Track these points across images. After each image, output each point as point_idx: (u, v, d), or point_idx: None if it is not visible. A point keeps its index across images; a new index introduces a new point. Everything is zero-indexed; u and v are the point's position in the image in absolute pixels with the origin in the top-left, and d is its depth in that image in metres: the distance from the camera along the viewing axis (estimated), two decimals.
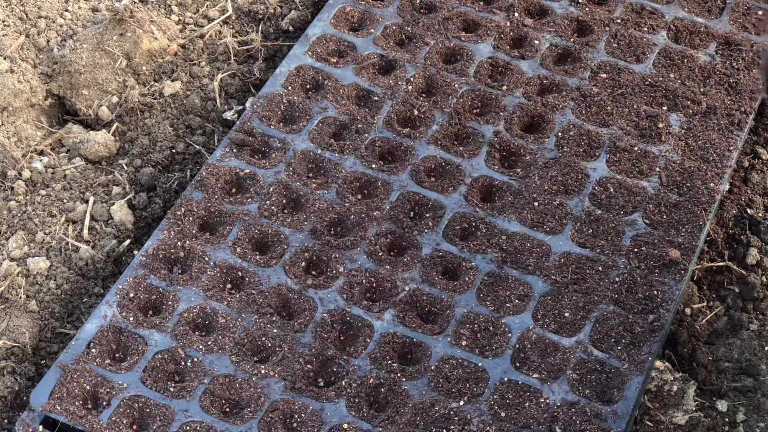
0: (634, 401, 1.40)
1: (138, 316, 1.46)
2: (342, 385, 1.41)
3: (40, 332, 1.54)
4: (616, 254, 1.55)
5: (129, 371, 1.41)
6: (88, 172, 1.72)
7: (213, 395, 1.40)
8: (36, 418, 1.37)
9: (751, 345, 1.55)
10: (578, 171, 1.64)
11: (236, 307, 1.48)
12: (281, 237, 1.55)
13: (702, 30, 1.85)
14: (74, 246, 1.63)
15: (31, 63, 1.85)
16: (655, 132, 1.70)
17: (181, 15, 1.95)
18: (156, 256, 1.52)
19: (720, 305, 1.62)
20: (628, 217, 1.60)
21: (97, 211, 1.67)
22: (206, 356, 1.43)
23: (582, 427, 1.37)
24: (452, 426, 1.37)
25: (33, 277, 1.59)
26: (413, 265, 1.52)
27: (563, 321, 1.48)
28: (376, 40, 1.80)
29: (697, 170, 1.66)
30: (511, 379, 1.42)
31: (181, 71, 1.86)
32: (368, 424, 1.37)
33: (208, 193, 1.59)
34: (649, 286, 1.52)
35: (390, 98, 1.72)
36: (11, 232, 1.64)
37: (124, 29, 1.83)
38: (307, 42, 1.79)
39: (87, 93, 1.81)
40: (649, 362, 1.44)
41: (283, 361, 1.42)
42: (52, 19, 1.91)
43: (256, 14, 1.96)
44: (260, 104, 1.71)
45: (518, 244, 1.55)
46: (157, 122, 1.78)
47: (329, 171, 1.63)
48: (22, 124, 1.78)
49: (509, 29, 1.83)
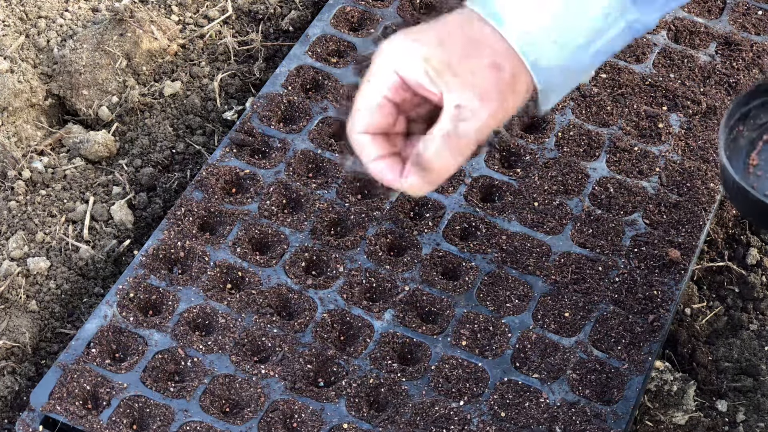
0: (634, 401, 1.41)
1: (138, 316, 1.46)
2: (342, 385, 1.41)
3: (40, 332, 1.54)
4: (616, 254, 1.55)
5: (129, 371, 1.41)
6: (88, 172, 1.72)
7: (213, 395, 1.40)
8: (36, 418, 1.37)
9: (751, 345, 1.55)
10: (578, 171, 1.65)
11: (236, 307, 1.48)
12: (281, 237, 1.55)
13: (702, 30, 1.85)
14: (74, 246, 1.63)
15: (31, 63, 1.85)
16: (655, 132, 1.70)
17: (181, 15, 1.95)
18: (156, 256, 1.53)
19: (720, 305, 1.62)
20: (628, 217, 1.60)
21: (97, 211, 1.67)
22: (206, 356, 1.43)
23: (582, 427, 1.38)
24: (452, 426, 1.37)
25: (33, 277, 1.59)
26: (413, 265, 1.52)
27: (563, 321, 1.48)
28: (376, 40, 1.80)
29: (697, 170, 1.66)
30: (511, 379, 1.42)
31: (181, 71, 1.86)
32: (368, 424, 1.37)
33: (208, 193, 1.59)
34: (649, 286, 1.52)
35: None
36: (11, 232, 1.64)
37: (124, 29, 1.83)
38: (307, 42, 1.79)
39: (87, 93, 1.81)
40: (649, 362, 1.44)
41: (283, 361, 1.42)
42: (52, 19, 1.91)
43: (256, 14, 1.96)
44: (260, 104, 1.71)
45: (518, 244, 1.55)
46: (157, 122, 1.78)
47: (329, 171, 1.63)
48: (22, 124, 1.78)
49: None
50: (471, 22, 1.30)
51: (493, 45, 1.29)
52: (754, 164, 1.33)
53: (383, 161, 1.30)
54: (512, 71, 1.29)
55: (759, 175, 1.32)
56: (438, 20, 1.32)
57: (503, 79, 1.29)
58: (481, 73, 1.28)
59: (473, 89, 1.28)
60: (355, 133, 1.31)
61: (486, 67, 1.28)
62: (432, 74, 1.26)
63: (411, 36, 1.29)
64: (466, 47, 1.28)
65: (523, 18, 1.29)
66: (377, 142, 1.31)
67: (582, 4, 1.31)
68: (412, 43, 1.28)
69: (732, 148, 1.32)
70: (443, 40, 1.29)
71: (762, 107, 1.34)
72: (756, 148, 1.34)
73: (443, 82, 1.26)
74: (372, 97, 1.28)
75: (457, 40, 1.28)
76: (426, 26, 1.31)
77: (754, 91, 1.33)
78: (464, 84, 1.28)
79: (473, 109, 1.28)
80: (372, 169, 1.30)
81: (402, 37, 1.29)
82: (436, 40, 1.28)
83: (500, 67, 1.29)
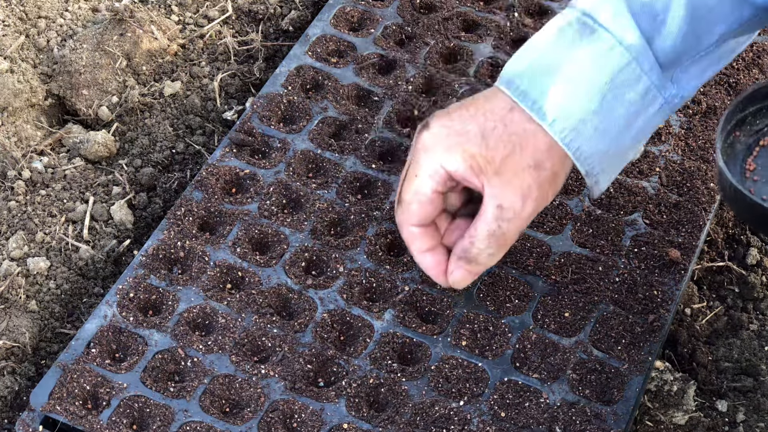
0: (634, 401, 1.41)
1: (138, 316, 1.46)
2: (342, 385, 1.41)
3: (40, 332, 1.54)
4: (616, 254, 1.55)
5: (129, 371, 1.41)
6: (88, 172, 1.72)
7: (213, 395, 1.40)
8: (36, 418, 1.37)
9: (751, 345, 1.55)
10: (578, 171, 1.64)
11: (236, 307, 1.48)
12: (281, 237, 1.55)
13: None
14: (74, 246, 1.63)
15: (31, 63, 1.85)
16: (655, 132, 1.70)
17: (181, 15, 1.95)
18: (156, 256, 1.52)
19: (720, 305, 1.62)
20: (628, 217, 1.60)
21: (97, 211, 1.67)
22: (206, 356, 1.43)
23: (582, 427, 1.38)
24: (452, 426, 1.37)
25: (33, 277, 1.59)
26: (413, 265, 1.52)
27: (563, 321, 1.48)
28: (376, 40, 1.80)
29: (697, 170, 1.66)
30: (511, 379, 1.42)
31: (181, 71, 1.86)
32: (368, 424, 1.37)
33: (208, 193, 1.59)
34: (649, 286, 1.52)
35: (390, 98, 1.72)
36: (11, 232, 1.64)
37: (124, 29, 1.83)
38: (307, 42, 1.79)
39: (87, 93, 1.81)
40: (649, 362, 1.44)
41: (283, 361, 1.42)
42: (52, 19, 1.91)
43: (256, 14, 1.96)
44: (260, 104, 1.71)
45: (518, 244, 1.55)
46: (157, 122, 1.78)
47: (329, 171, 1.63)
48: (22, 124, 1.78)
49: (509, 29, 1.83)
50: (512, 115, 1.33)
51: (536, 143, 1.33)
52: (751, 169, 1.34)
53: (431, 255, 1.38)
54: (553, 169, 1.34)
55: (756, 180, 1.33)
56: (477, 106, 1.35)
57: (545, 178, 1.34)
58: (524, 173, 1.33)
59: (515, 190, 1.33)
60: (408, 225, 1.37)
61: (528, 167, 1.32)
62: (476, 169, 1.30)
63: (453, 129, 1.33)
64: (509, 145, 1.33)
65: (565, 111, 1.32)
66: (427, 234, 1.38)
67: (621, 88, 1.33)
68: (457, 138, 1.32)
69: (729, 154, 1.33)
70: (486, 135, 1.33)
71: (758, 112, 1.35)
72: (753, 153, 1.35)
73: (486, 178, 1.32)
74: (423, 192, 1.36)
75: (499, 136, 1.32)
76: (467, 114, 1.35)
77: (751, 96, 1.34)
78: (507, 183, 1.33)
79: (516, 210, 1.33)
80: (420, 261, 1.41)
81: (444, 130, 1.33)
82: (480, 134, 1.33)
83: (542, 167, 1.33)
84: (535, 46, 1.35)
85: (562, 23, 1.35)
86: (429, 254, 1.40)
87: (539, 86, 1.31)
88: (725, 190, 1.26)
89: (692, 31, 1.32)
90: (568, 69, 1.31)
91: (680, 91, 1.38)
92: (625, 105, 1.33)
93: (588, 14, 1.33)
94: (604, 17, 1.32)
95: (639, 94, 1.33)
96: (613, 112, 1.32)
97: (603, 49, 1.32)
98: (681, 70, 1.36)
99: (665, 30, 1.32)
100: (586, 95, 1.31)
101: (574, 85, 1.31)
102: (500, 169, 1.31)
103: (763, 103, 1.35)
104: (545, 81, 1.31)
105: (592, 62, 1.31)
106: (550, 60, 1.32)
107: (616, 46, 1.31)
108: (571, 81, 1.31)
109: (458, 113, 1.35)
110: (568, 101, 1.31)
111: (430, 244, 1.40)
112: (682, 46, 1.33)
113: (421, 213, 1.37)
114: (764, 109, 1.35)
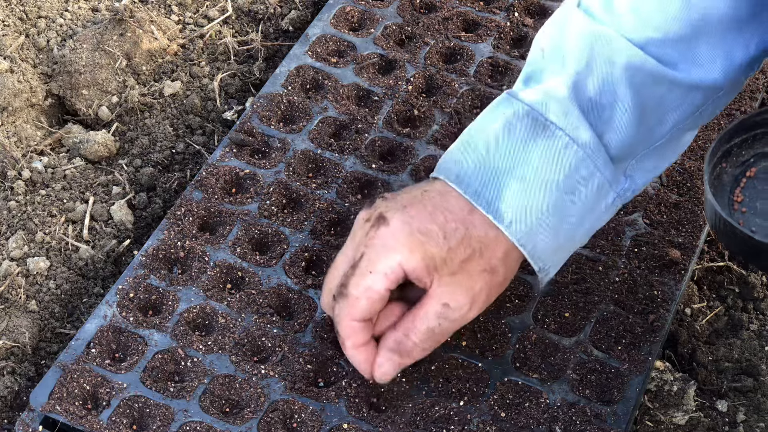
0: (634, 401, 1.40)
1: (138, 316, 1.46)
2: (342, 385, 1.41)
3: (40, 332, 1.54)
4: (616, 254, 1.55)
5: (129, 371, 1.41)
6: (88, 172, 1.72)
7: (213, 395, 1.40)
8: (36, 418, 1.37)
9: (751, 345, 1.55)
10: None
11: (236, 307, 1.48)
12: (281, 237, 1.55)
13: None
14: (74, 246, 1.63)
15: (31, 63, 1.85)
16: None
17: (181, 15, 1.95)
18: (156, 256, 1.52)
19: (720, 305, 1.62)
20: (628, 217, 1.60)
21: (97, 211, 1.67)
22: (206, 356, 1.43)
23: (582, 427, 1.37)
24: (452, 426, 1.37)
25: (33, 277, 1.59)
26: None
27: (563, 321, 1.48)
28: (376, 40, 1.80)
29: (697, 170, 1.66)
30: (511, 380, 1.42)
31: (181, 71, 1.86)
32: (368, 425, 1.37)
33: (208, 193, 1.59)
34: (649, 286, 1.52)
35: (390, 98, 1.72)
36: (11, 232, 1.64)
37: (124, 29, 1.83)
38: (307, 42, 1.79)
39: (87, 93, 1.81)
40: (649, 362, 1.44)
41: (283, 361, 1.42)
42: (52, 19, 1.91)
43: (256, 14, 1.96)
44: (260, 104, 1.71)
45: None
46: (157, 122, 1.78)
47: (329, 171, 1.63)
48: (22, 124, 1.78)
49: (509, 29, 1.83)
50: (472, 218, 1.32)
51: (494, 249, 1.32)
52: (739, 201, 1.34)
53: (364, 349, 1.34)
54: (505, 275, 1.35)
55: (744, 211, 1.33)
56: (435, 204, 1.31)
57: (496, 282, 1.34)
58: (478, 277, 1.32)
59: (466, 292, 1.32)
60: (350, 319, 1.33)
61: (484, 271, 1.32)
62: (431, 268, 1.29)
63: (414, 227, 1.30)
64: (469, 249, 1.32)
65: (521, 213, 1.31)
66: (366, 328, 1.35)
67: (575, 185, 1.33)
68: (420, 238, 1.29)
69: (716, 185, 1.33)
70: (448, 237, 1.31)
71: (744, 144, 1.35)
72: (740, 184, 1.35)
73: (438, 276, 1.30)
74: (375, 289, 1.30)
75: (461, 239, 1.31)
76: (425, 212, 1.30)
77: (737, 127, 1.34)
78: (459, 285, 1.31)
79: (462, 312, 1.33)
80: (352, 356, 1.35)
81: (407, 228, 1.29)
82: (442, 236, 1.31)
83: (496, 272, 1.33)
84: (483, 141, 1.31)
85: (508, 116, 1.31)
86: (362, 348, 1.34)
87: (493, 187, 1.29)
88: (715, 223, 1.26)
89: (643, 122, 1.31)
90: (523, 168, 1.29)
91: (632, 185, 1.38)
92: (580, 202, 1.32)
93: (536, 110, 1.30)
94: (554, 115, 1.29)
95: (592, 190, 1.32)
96: (568, 209, 1.31)
97: (558, 147, 1.29)
98: (636, 160, 1.36)
99: (614, 124, 1.31)
100: (542, 194, 1.29)
101: (529, 184, 1.29)
102: (456, 271, 1.29)
103: (749, 133, 1.35)
104: (499, 181, 1.28)
105: (547, 160, 1.29)
106: (502, 158, 1.29)
107: (571, 144, 1.29)
108: (526, 180, 1.29)
109: (416, 209, 1.30)
110: (523, 202, 1.29)
111: (366, 339, 1.34)
112: (634, 138, 1.32)
113: (370, 309, 1.31)
114: (750, 140, 1.35)
